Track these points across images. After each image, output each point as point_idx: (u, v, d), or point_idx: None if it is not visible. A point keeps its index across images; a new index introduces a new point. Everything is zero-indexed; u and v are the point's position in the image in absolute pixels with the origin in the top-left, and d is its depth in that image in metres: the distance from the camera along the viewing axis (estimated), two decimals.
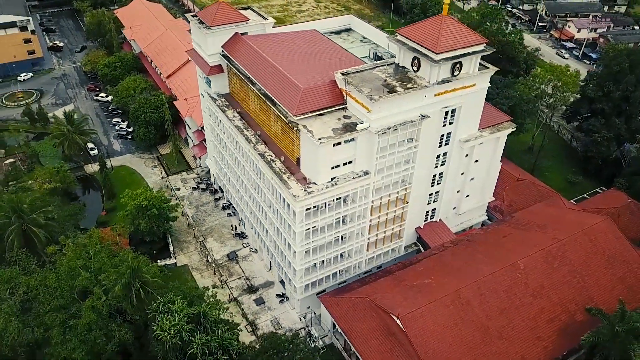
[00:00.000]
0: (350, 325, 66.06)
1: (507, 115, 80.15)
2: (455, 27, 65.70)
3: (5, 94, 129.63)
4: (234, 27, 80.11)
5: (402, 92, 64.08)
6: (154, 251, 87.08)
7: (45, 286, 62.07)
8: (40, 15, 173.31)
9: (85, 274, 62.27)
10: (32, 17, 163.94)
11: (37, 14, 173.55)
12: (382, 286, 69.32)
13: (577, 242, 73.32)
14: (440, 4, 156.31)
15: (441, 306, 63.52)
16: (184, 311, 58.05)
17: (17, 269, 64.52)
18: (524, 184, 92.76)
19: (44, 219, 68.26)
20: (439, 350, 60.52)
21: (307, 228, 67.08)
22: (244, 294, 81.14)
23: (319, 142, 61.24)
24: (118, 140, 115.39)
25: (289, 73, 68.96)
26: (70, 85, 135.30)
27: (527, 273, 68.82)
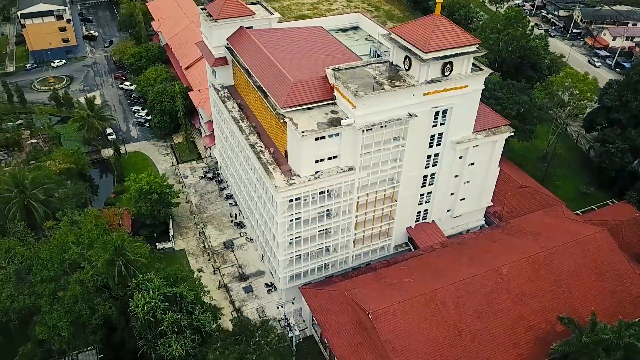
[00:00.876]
0: (326, 318, 66.93)
1: (505, 119, 78.89)
2: (447, 27, 65.48)
3: (38, 78, 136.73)
4: (239, 20, 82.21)
5: (388, 89, 64.45)
6: (155, 234, 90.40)
7: (38, 257, 65.76)
8: (80, 5, 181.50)
9: (75, 248, 65.53)
10: (73, 7, 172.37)
11: (78, 4, 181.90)
12: (361, 281, 69.84)
13: (568, 251, 71.62)
14: (467, 6, 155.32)
15: (415, 305, 63.52)
16: (160, 290, 60.30)
17: (15, 239, 68.68)
18: (527, 191, 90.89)
19: (44, 195, 72.27)
20: (407, 348, 60.61)
21: (290, 219, 68.41)
22: (234, 281, 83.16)
23: (301, 135, 62.41)
24: (136, 127, 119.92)
25: (283, 67, 70.40)
26: (99, 73, 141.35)
27: (509, 279, 67.84)
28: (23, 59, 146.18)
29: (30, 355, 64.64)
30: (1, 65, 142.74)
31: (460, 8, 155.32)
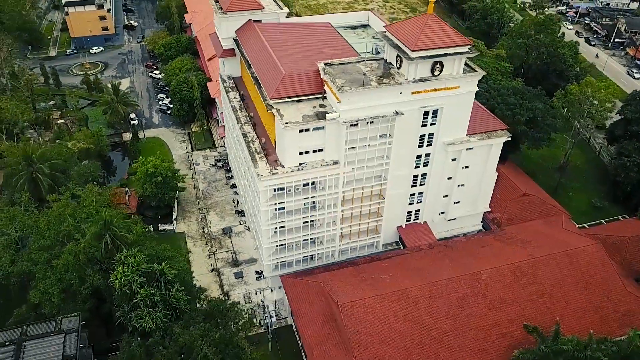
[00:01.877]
0: (300, 307, 68.24)
1: (502, 123, 77.58)
2: (438, 26, 65.39)
3: (76, 64, 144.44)
4: (247, 14, 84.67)
5: (374, 86, 65.06)
6: (159, 216, 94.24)
7: (37, 227, 70.40)
8: None
9: (71, 221, 69.77)
10: None
11: None
12: (340, 275, 70.72)
13: (555, 262, 69.89)
14: (502, 10, 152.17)
15: (386, 301, 63.87)
16: (140, 265, 63.33)
17: (20, 209, 73.75)
18: (530, 200, 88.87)
19: (50, 169, 77.11)
20: (372, 343, 61.11)
21: (274, 208, 70.05)
22: (226, 266, 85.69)
23: (283, 126, 63.99)
24: (158, 114, 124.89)
25: (279, 59, 72.17)
26: (132, 61, 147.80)
27: (487, 284, 66.97)
28: (65, 45, 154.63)
29: (24, 317, 69.06)
30: (45, 50, 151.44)
31: (493, 12, 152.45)
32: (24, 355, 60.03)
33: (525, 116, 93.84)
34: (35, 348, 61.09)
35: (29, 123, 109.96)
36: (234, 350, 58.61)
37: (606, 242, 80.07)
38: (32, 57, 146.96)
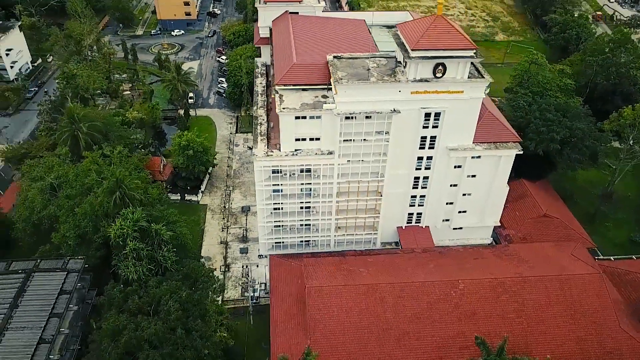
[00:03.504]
0: (278, 285, 71.06)
1: (516, 136, 74.43)
2: (444, 28, 64.86)
3: (156, 43, 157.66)
4: (285, 5, 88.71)
5: (372, 81, 66.10)
6: (188, 187, 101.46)
7: (67, 177, 79.62)
8: None
9: (94, 176, 78.14)
10: None
11: None
12: (324, 262, 72.47)
13: (543, 285, 66.58)
14: (581, 25, 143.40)
15: (353, 292, 64.93)
16: (138, 222, 69.81)
17: (58, 160, 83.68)
18: (551, 222, 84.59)
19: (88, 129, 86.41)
20: (330, 329, 62.56)
21: (269, 188, 73.36)
22: (235, 241, 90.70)
23: (279, 111, 67.13)
24: (215, 96, 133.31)
25: (296, 49, 75.33)
26: (206, 46, 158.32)
27: (463, 295, 65.46)
28: (152, 26, 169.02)
29: (46, 254, 78.51)
30: (133, 29, 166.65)
31: (573, 26, 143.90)
32: (30, 284, 68.84)
33: (561, 134, 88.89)
34: (41, 279, 69.76)
35: (100, 91, 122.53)
36: (200, 311, 62.95)
37: (623, 277, 74.87)
38: (122, 35, 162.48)
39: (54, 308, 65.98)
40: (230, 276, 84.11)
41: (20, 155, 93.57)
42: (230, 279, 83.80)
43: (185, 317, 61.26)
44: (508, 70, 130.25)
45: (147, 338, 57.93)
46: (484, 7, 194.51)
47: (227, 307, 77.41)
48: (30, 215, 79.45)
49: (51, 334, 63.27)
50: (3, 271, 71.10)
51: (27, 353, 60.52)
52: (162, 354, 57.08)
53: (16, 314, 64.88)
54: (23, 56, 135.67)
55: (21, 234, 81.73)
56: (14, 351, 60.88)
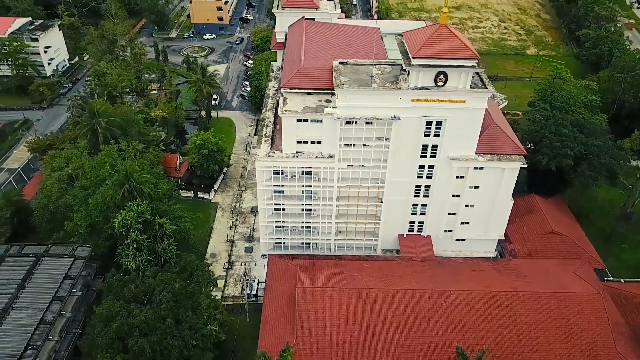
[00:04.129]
0: (273, 284, 72.19)
1: (521, 149, 73.25)
2: (447, 37, 64.92)
3: (188, 46, 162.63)
4: (301, 11, 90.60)
5: (373, 87, 66.77)
6: (202, 185, 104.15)
7: (82, 169, 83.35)
8: None
9: (108, 168, 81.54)
10: None
11: None
12: (320, 264, 73.20)
13: (538, 301, 65.30)
14: (615, 41, 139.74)
15: (342, 295, 65.41)
16: (142, 214, 72.51)
17: (77, 152, 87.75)
18: (559, 239, 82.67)
19: (106, 124, 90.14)
20: (316, 330, 63.19)
21: (270, 189, 74.77)
22: (241, 240, 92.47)
23: (281, 113, 68.62)
24: (238, 99, 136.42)
25: (305, 53, 76.83)
26: (235, 50, 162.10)
27: (454, 305, 64.89)
28: (186, 29, 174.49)
29: (59, 241, 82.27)
30: (168, 31, 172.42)
31: (605, 42, 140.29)
32: (38, 267, 72.44)
33: (575, 150, 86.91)
34: (49, 264, 73.32)
35: (129, 90, 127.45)
36: (192, 304, 64.73)
37: (630, 300, 72.67)
38: (156, 36, 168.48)
39: (57, 291, 69.24)
40: (232, 274, 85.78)
41: (45, 147, 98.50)
42: (232, 276, 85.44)
43: (176, 308, 63.16)
44: (535, 84, 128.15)
45: (137, 325, 60.02)
46: (518, 20, 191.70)
47: (226, 304, 79.30)
48: (48, 203, 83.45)
49: (52, 315, 66.38)
50: (15, 254, 75.07)
51: (28, 332, 63.71)
52: (150, 341, 59.01)
53: (22, 295, 68.43)
54: (61, 54, 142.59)
55: (39, 221, 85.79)
56: (16, 329, 64.18)
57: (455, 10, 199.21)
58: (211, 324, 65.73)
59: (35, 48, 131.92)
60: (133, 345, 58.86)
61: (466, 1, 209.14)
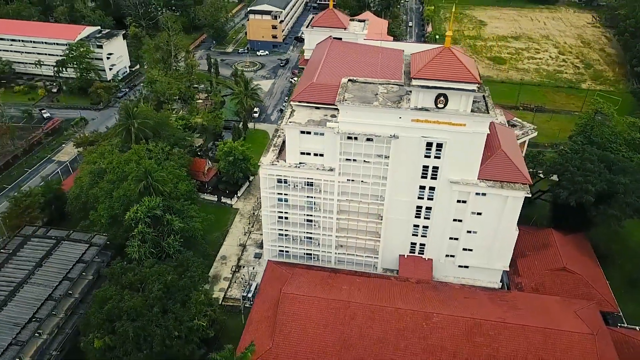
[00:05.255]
0: (265, 288, 74.32)
1: (526, 178, 71.37)
2: (449, 59, 65.43)
3: (240, 61, 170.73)
4: (328, 30, 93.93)
5: (374, 105, 68.24)
6: (227, 190, 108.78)
7: (111, 164, 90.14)
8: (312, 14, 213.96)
9: (133, 165, 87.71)
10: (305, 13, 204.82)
11: (311, 13, 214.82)
12: (314, 274, 74.73)
13: (524, 335, 63.09)
14: None
15: (324, 305, 66.41)
16: (154, 210, 77.43)
17: (109, 148, 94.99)
18: (570, 277, 79.31)
19: (139, 125, 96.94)
20: (293, 335, 64.48)
21: (274, 196, 77.44)
22: (252, 245, 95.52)
23: (284, 125, 71.51)
24: (278, 113, 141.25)
25: (321, 70, 79.59)
26: (284, 68, 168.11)
27: (435, 328, 64.01)
28: (242, 45, 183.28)
29: (85, 229, 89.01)
30: (225, 46, 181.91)
31: None
32: (57, 249, 78.89)
33: (597, 186, 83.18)
34: (66, 247, 79.66)
35: (177, 97, 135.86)
36: (182, 297, 68.13)
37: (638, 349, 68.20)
38: (214, 50, 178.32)
39: (68, 273, 75.05)
40: (238, 276, 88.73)
41: (88, 143, 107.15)
42: (238, 279, 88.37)
43: (166, 298, 66.74)
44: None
45: (126, 310, 64.05)
46: (579, 53, 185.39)
47: (226, 304, 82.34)
48: (80, 193, 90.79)
49: (59, 293, 72.07)
50: (41, 235, 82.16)
51: (35, 306, 69.55)
52: (134, 326, 62.78)
53: (37, 272, 74.83)
54: (122, 61, 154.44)
55: (71, 209, 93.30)
56: (26, 302, 70.28)
57: (513, 40, 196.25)
58: (199, 318, 68.62)
59: (99, 54, 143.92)
60: (119, 328, 62.85)
61: (527, 32, 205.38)
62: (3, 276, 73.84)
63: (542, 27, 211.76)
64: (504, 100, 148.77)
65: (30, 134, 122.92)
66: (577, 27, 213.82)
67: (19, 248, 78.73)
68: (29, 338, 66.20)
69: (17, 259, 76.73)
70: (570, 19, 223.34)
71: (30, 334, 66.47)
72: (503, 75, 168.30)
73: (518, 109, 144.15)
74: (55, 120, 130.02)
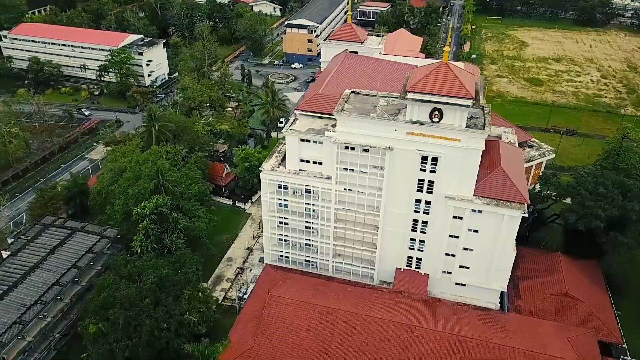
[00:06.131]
0: (257, 290, 76.16)
1: (524, 197, 70.02)
2: (445, 74, 65.76)
3: (274, 72, 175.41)
4: (344, 44, 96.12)
5: (371, 117, 69.40)
6: (242, 195, 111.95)
7: (130, 163, 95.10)
8: None
9: (149, 165, 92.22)
10: None
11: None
12: (305, 280, 76.20)
13: (507, 356, 61.86)
14: None
15: (308, 310, 67.48)
16: (162, 207, 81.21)
17: (130, 148, 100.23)
18: (573, 304, 76.72)
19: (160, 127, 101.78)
20: (275, 336, 65.89)
21: (274, 202, 79.42)
22: (259, 249, 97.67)
23: (285, 132, 73.72)
24: None
25: (329, 81, 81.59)
26: (314, 82, 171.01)
27: (415, 341, 63.75)
28: (278, 57, 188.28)
29: (101, 222, 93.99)
30: (262, 58, 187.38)
31: None
32: (70, 239, 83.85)
33: (608, 212, 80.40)
34: (79, 238, 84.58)
35: (208, 104, 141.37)
36: (175, 291, 70.97)
37: None
38: (251, 61, 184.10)
39: (77, 262, 79.58)
40: (240, 279, 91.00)
41: (115, 143, 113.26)
42: (240, 281, 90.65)
43: (160, 291, 69.75)
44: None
45: (120, 299, 67.43)
46: (624, 77, 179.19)
47: (225, 304, 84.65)
48: (101, 189, 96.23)
49: (66, 280, 76.53)
50: (59, 225, 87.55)
51: (41, 289, 74.21)
52: (125, 315, 65.96)
53: (49, 259, 79.78)
54: (162, 68, 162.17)
55: (92, 204, 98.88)
56: (35, 286, 75.09)
57: (554, 62, 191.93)
58: (190, 313, 71.11)
59: (139, 60, 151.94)
60: (112, 315, 66.22)
61: (570, 54, 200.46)
62: (18, 261, 79.20)
63: (587, 49, 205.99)
64: (535, 121, 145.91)
65: (68, 133, 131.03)
66: (626, 50, 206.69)
67: (36, 236, 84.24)
68: (33, 318, 70.64)
69: (33, 245, 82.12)
70: (619, 43, 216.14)
71: (34, 315, 70.95)
72: (538, 96, 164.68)
73: (548, 131, 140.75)
74: (92, 120, 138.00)
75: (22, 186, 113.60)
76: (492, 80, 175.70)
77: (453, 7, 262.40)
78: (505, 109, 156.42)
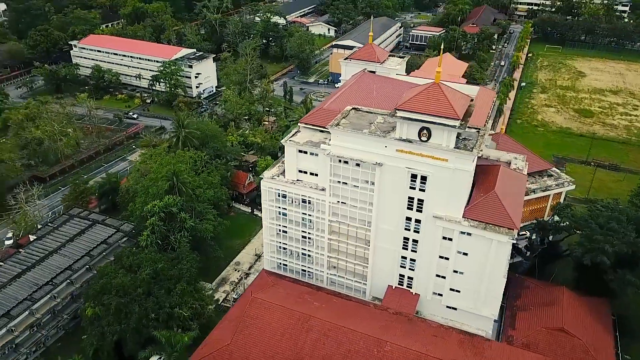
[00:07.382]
0: (247, 293, 78.85)
1: (514, 222, 68.56)
2: (435, 94, 66.54)
3: (317, 90, 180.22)
4: (362, 64, 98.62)
5: (363, 132, 71.16)
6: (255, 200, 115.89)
7: (155, 166, 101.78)
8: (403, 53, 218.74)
9: (170, 167, 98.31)
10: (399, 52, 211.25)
11: (402, 52, 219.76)
12: (294, 287, 78.22)
13: None
14: None
15: (286, 315, 69.33)
16: (171, 206, 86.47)
17: (157, 151, 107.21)
18: (566, 339, 73.63)
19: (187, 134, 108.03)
20: (251, 337, 68.10)
21: (274, 209, 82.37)
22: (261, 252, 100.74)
23: (283, 142, 76.88)
24: None
25: (338, 98, 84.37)
26: None
27: (384, 357, 63.76)
28: (324, 76, 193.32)
29: (125, 218, 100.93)
30: (308, 77, 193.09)
31: None
32: (89, 230, 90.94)
33: (616, 247, 76.68)
34: (98, 229, 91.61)
35: (246, 117, 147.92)
36: (168, 285, 75.20)
37: None
38: (297, 79, 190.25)
39: (91, 250, 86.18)
40: (243, 282, 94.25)
41: (148, 146, 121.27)
42: (244, 284, 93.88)
43: (154, 283, 74.22)
44: None
45: (115, 286, 72.48)
46: None
47: (225, 305, 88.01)
48: (128, 188, 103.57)
49: (78, 266, 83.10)
50: (82, 216, 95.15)
51: (55, 272, 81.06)
52: (118, 302, 70.79)
53: (68, 245, 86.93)
54: (210, 81, 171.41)
55: (121, 200, 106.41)
56: (49, 268, 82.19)
57: (610, 94, 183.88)
58: (181, 308, 74.88)
59: (188, 73, 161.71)
60: (106, 300, 71.31)
61: (630, 87, 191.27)
62: (41, 245, 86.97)
63: None
64: (576, 153, 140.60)
65: (115, 135, 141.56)
66: None
67: (61, 224, 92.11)
68: (42, 297, 77.30)
69: (56, 232, 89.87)
70: None
71: (44, 294, 77.63)
72: (585, 128, 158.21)
73: (589, 164, 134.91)
74: (139, 125, 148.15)
75: (66, 180, 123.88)
76: (539, 110, 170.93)
77: (512, 34, 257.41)
78: (547, 138, 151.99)
